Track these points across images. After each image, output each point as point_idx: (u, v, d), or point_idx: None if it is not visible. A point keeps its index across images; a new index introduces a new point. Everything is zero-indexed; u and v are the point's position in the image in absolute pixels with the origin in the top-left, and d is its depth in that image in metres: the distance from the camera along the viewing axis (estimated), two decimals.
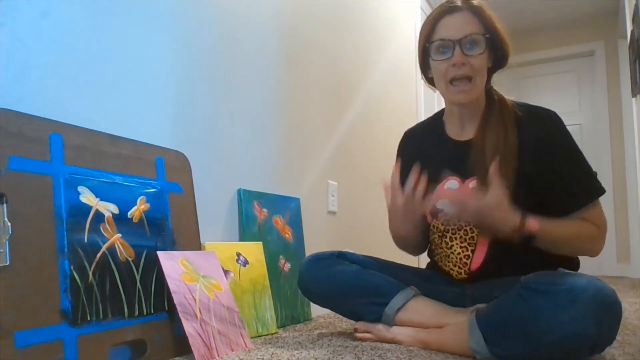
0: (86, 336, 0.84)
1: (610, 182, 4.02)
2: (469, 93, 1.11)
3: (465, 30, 1.08)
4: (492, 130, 1.13)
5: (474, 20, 1.09)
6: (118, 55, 1.06)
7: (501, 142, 1.11)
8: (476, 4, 1.12)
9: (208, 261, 1.13)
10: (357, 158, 2.18)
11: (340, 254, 1.23)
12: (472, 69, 1.09)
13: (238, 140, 1.42)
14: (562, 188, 1.10)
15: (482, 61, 1.10)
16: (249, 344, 1.09)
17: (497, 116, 1.14)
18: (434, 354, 1.02)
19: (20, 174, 0.81)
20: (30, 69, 0.88)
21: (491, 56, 1.15)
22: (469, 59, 1.08)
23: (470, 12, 1.10)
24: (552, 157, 1.09)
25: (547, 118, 1.12)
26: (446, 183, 1.20)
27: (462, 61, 1.08)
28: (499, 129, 1.12)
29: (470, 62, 1.08)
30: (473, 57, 1.08)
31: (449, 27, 1.10)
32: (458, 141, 1.21)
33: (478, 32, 1.08)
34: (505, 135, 1.11)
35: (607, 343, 0.91)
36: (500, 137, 1.11)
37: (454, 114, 1.23)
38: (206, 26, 1.32)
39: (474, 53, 1.08)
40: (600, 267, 3.94)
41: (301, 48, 1.78)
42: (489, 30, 1.10)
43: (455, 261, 1.19)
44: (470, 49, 1.08)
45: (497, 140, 1.11)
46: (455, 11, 1.11)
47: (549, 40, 4.34)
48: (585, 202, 1.09)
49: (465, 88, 1.10)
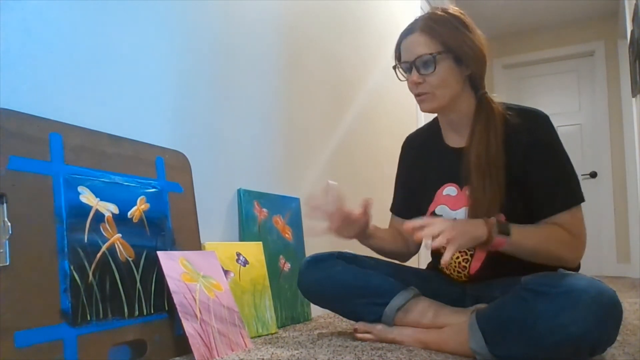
0: (86, 336, 0.84)
1: (610, 182, 4.03)
2: (429, 102, 1.15)
3: (417, 51, 1.11)
4: (478, 138, 1.13)
5: (425, 40, 1.11)
6: (118, 55, 1.06)
7: (483, 150, 1.11)
8: (430, 23, 1.12)
9: (208, 261, 1.13)
10: (357, 158, 2.18)
11: (340, 255, 1.24)
12: (429, 86, 1.12)
13: (238, 140, 1.42)
14: (540, 190, 1.09)
15: (439, 77, 1.11)
16: (249, 344, 1.09)
17: (482, 124, 1.14)
18: (434, 354, 1.02)
19: (20, 174, 0.81)
20: (30, 69, 0.88)
21: (461, 66, 1.13)
22: (425, 77, 1.12)
23: (422, 32, 1.11)
24: (536, 159, 1.09)
25: (534, 120, 1.12)
26: (444, 190, 1.20)
27: (418, 81, 1.12)
28: (484, 137, 1.12)
29: (426, 80, 1.12)
30: (428, 76, 1.11)
31: (405, 50, 1.15)
32: (454, 148, 1.22)
33: (428, 52, 1.10)
34: (488, 144, 1.11)
35: (607, 344, 0.91)
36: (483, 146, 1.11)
37: (443, 122, 1.25)
38: (206, 26, 1.32)
39: (426, 72, 1.11)
40: (600, 267, 3.94)
41: (301, 48, 1.78)
42: (445, 46, 1.10)
43: (455, 265, 1.20)
44: (424, 69, 1.11)
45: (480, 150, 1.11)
46: (410, 33, 1.14)
47: (549, 40, 4.34)
48: (561, 207, 1.08)
49: (424, 98, 1.14)
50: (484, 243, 1.02)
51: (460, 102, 1.17)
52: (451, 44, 1.10)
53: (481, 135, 1.13)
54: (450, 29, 1.11)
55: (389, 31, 2.61)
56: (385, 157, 2.40)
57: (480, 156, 1.10)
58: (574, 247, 1.08)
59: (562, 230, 1.07)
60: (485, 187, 1.09)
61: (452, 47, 1.11)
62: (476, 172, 1.10)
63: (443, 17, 1.13)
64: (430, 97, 1.13)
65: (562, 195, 1.09)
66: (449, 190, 1.20)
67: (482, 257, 1.15)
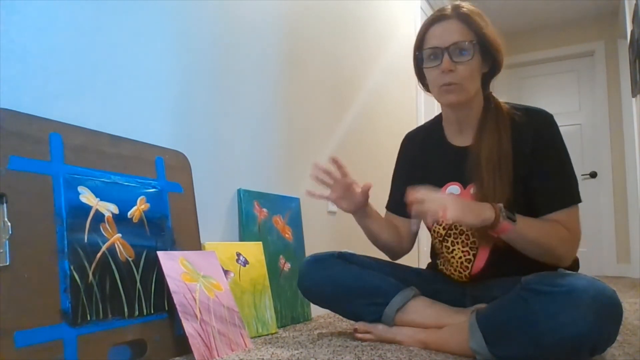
0: (86, 336, 0.84)
1: (610, 182, 4.03)
2: (456, 94, 1.12)
3: (453, 37, 1.10)
4: (487, 136, 1.13)
5: (462, 27, 1.11)
6: (118, 55, 1.06)
7: (494, 148, 1.11)
8: (465, 11, 1.12)
9: (208, 261, 1.13)
10: (357, 158, 2.18)
11: (340, 255, 1.23)
12: (460, 76, 1.10)
13: (238, 140, 1.42)
14: (541, 188, 1.10)
15: (471, 67, 1.10)
16: (249, 344, 1.09)
17: (493, 122, 1.14)
18: (434, 354, 1.02)
19: (20, 174, 0.81)
20: (30, 69, 0.88)
21: (484, 62, 1.15)
22: (457, 66, 1.09)
23: (459, 20, 1.11)
24: (540, 158, 1.10)
25: (540, 120, 1.12)
26: (447, 188, 1.20)
27: (450, 68, 1.09)
28: (494, 136, 1.12)
29: (458, 69, 1.10)
30: (461, 64, 1.09)
31: (438, 36, 1.12)
32: (458, 147, 1.21)
33: (465, 39, 1.10)
34: (499, 142, 1.11)
35: (607, 343, 0.91)
36: (494, 143, 1.12)
37: (451, 120, 1.23)
38: (206, 26, 1.32)
39: (462, 60, 1.09)
40: (600, 267, 3.94)
41: (301, 48, 1.78)
42: (478, 37, 1.11)
43: (456, 265, 1.19)
44: (458, 56, 1.09)
45: (491, 147, 1.12)
46: (444, 19, 1.12)
47: (549, 40, 4.34)
48: (559, 206, 1.08)
49: (451, 88, 1.12)
50: (490, 227, 1.01)
51: (476, 99, 1.17)
52: (482, 37, 1.11)
53: (492, 132, 1.13)
54: (482, 22, 1.12)
55: (389, 31, 2.62)
56: (385, 157, 2.40)
57: (493, 152, 1.11)
58: (570, 245, 1.08)
59: (562, 227, 1.07)
60: (495, 183, 1.09)
61: (483, 40, 1.11)
62: (487, 168, 1.10)
63: (473, 10, 1.13)
64: (458, 88, 1.11)
65: (561, 195, 1.09)
66: (452, 189, 1.19)
67: (485, 257, 1.15)
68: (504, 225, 1.01)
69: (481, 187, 1.11)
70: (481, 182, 1.11)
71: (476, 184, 1.13)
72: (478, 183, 1.12)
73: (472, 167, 1.13)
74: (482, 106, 1.19)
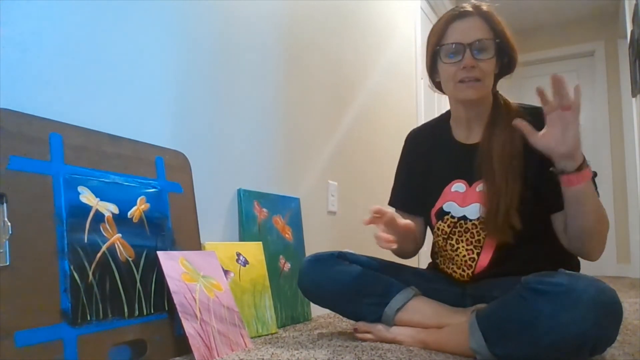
0: (86, 336, 0.84)
1: (610, 182, 4.03)
2: (476, 90, 1.12)
3: (476, 35, 1.10)
4: (498, 133, 1.14)
5: (484, 25, 1.12)
6: (118, 55, 1.06)
7: (507, 145, 1.11)
8: (486, 9, 1.14)
9: (208, 261, 1.12)
10: (357, 158, 2.18)
11: (340, 254, 1.23)
12: (481, 72, 1.11)
13: (238, 140, 1.42)
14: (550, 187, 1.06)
15: (491, 65, 1.12)
16: (249, 344, 1.09)
17: (504, 120, 1.14)
18: (434, 354, 1.01)
19: (20, 174, 0.81)
20: (30, 69, 0.88)
21: (499, 62, 1.16)
22: (479, 63, 1.10)
23: (481, 17, 1.13)
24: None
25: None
26: (452, 186, 1.20)
27: (472, 64, 1.10)
28: (505, 133, 1.12)
29: (479, 66, 1.10)
30: (482, 61, 1.11)
31: (460, 32, 1.12)
32: (465, 144, 1.22)
33: (488, 37, 1.11)
34: (512, 139, 1.11)
35: (607, 343, 0.91)
36: (507, 140, 1.12)
37: (460, 117, 1.22)
38: (206, 26, 1.32)
39: (483, 57, 1.11)
40: (600, 267, 3.94)
41: (301, 48, 1.78)
42: (498, 36, 1.13)
43: (460, 263, 1.19)
44: (480, 54, 1.11)
45: (504, 144, 1.12)
46: (466, 16, 1.13)
47: (549, 40, 4.34)
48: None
49: (472, 85, 1.12)
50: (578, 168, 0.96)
51: (489, 96, 1.19)
52: (502, 37, 1.13)
53: (503, 130, 1.13)
54: (500, 22, 1.14)
55: (389, 31, 2.62)
56: (385, 157, 2.40)
57: (505, 149, 1.11)
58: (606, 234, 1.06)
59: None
60: (508, 180, 1.09)
61: (502, 39, 1.13)
62: (499, 165, 1.10)
63: (492, 9, 1.15)
64: (479, 84, 1.12)
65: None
66: (458, 186, 1.19)
67: (489, 256, 1.15)
68: (586, 172, 0.97)
69: (492, 183, 1.10)
70: (492, 178, 1.10)
71: (487, 181, 1.12)
72: (489, 179, 1.11)
73: (481, 164, 1.13)
74: (491, 104, 1.20)
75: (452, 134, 1.25)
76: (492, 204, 1.10)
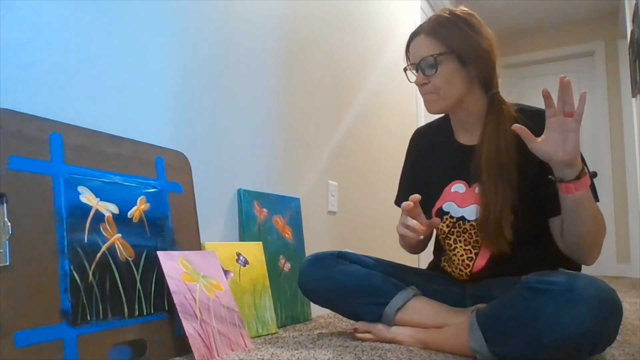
0: (86, 336, 0.84)
1: (610, 182, 4.03)
2: (436, 103, 1.17)
3: (421, 53, 1.15)
4: (490, 137, 1.13)
5: (429, 42, 1.14)
6: (118, 55, 1.06)
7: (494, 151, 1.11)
8: (433, 24, 1.15)
9: (208, 261, 1.13)
10: (357, 158, 2.18)
11: (340, 254, 1.24)
12: (433, 87, 1.15)
13: (238, 140, 1.42)
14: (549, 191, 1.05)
15: (443, 78, 1.13)
16: (249, 344, 1.09)
17: (494, 124, 1.14)
18: (434, 354, 1.02)
19: (20, 174, 0.81)
20: (30, 69, 0.88)
21: (465, 67, 1.13)
22: (430, 79, 1.14)
23: (426, 34, 1.15)
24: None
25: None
26: (452, 186, 1.20)
27: (422, 82, 1.15)
28: (497, 136, 1.12)
29: (431, 81, 1.14)
30: (432, 77, 1.14)
31: (412, 53, 1.19)
32: (465, 145, 1.22)
33: (430, 53, 1.13)
34: (498, 145, 1.11)
35: (607, 343, 0.91)
36: (499, 144, 1.11)
37: (457, 120, 1.25)
38: (206, 26, 1.32)
39: (430, 73, 1.14)
40: (600, 267, 3.94)
41: (301, 48, 1.78)
42: (448, 46, 1.12)
43: (457, 263, 1.19)
44: (427, 70, 1.14)
45: (490, 150, 1.11)
46: (415, 37, 1.19)
47: (549, 40, 4.34)
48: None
49: (430, 99, 1.17)
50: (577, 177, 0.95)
51: (468, 102, 1.18)
52: (454, 45, 1.13)
53: (491, 135, 1.13)
54: (453, 31, 1.14)
55: (389, 31, 2.61)
56: (385, 157, 2.40)
57: (491, 157, 1.11)
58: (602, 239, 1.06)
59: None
60: (497, 187, 1.09)
61: (455, 48, 1.13)
62: (487, 172, 1.11)
63: (448, 18, 1.15)
64: (435, 97, 1.16)
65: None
66: (457, 187, 1.20)
67: (487, 256, 1.15)
68: (585, 180, 0.96)
69: (483, 190, 1.11)
70: (483, 185, 1.11)
71: (478, 185, 1.13)
72: (479, 184, 1.13)
73: (475, 167, 1.14)
74: (484, 107, 1.18)
75: (454, 134, 1.26)
76: (485, 209, 1.11)
